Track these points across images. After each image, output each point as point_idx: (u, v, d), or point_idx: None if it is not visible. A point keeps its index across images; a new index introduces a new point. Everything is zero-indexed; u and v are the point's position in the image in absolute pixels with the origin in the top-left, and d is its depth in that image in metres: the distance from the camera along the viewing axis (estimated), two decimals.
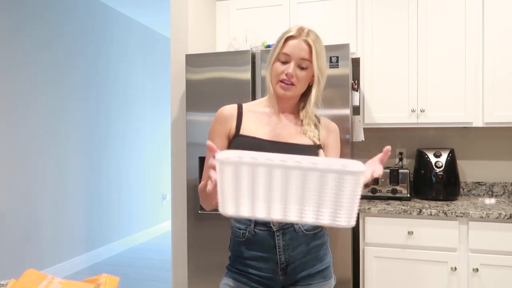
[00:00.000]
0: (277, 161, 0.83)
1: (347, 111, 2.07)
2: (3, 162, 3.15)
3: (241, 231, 1.24)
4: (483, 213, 2.04)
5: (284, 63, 1.21)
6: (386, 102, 2.45)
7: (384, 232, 2.17)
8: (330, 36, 2.48)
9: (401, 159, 2.69)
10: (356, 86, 2.37)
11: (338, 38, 2.45)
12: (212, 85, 2.21)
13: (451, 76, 2.36)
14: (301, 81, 1.22)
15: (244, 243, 1.24)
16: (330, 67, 2.07)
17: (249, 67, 2.16)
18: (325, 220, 0.84)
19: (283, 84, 1.21)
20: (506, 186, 2.56)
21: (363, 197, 2.45)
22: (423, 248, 2.13)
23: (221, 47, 2.71)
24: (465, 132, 2.62)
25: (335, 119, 2.11)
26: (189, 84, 2.25)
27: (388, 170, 2.43)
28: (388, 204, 2.29)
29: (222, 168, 0.85)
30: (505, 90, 2.28)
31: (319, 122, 1.30)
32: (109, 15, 4.32)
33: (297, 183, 0.83)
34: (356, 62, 2.49)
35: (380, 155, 1.00)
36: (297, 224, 1.20)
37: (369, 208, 2.18)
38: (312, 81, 1.24)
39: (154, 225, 5.21)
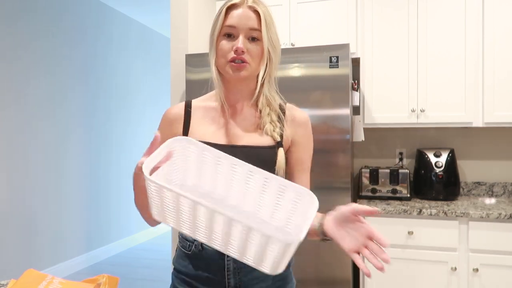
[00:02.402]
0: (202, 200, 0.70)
1: (347, 111, 2.07)
2: (3, 162, 3.15)
3: (188, 243, 1.05)
4: (483, 213, 2.04)
5: (230, 38, 0.99)
6: (386, 102, 2.45)
7: (384, 232, 2.17)
8: (330, 36, 2.48)
9: (401, 159, 2.69)
10: (356, 86, 2.37)
11: (338, 38, 2.46)
12: (212, 85, 2.20)
13: (451, 76, 2.36)
14: (255, 56, 0.99)
15: (190, 258, 1.04)
16: (330, 67, 2.07)
17: None
18: (250, 262, 0.75)
19: (234, 64, 0.98)
20: (506, 186, 2.56)
21: (364, 197, 2.46)
22: (423, 248, 2.13)
23: None
24: (465, 132, 2.62)
25: (335, 119, 2.12)
26: (189, 84, 2.25)
27: (388, 170, 2.43)
28: (388, 204, 2.29)
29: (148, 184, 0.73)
30: (505, 90, 2.28)
31: (284, 113, 1.07)
32: (106, 13, 4.32)
33: (224, 228, 0.72)
34: (356, 62, 2.49)
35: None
36: None
37: None
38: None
39: None
